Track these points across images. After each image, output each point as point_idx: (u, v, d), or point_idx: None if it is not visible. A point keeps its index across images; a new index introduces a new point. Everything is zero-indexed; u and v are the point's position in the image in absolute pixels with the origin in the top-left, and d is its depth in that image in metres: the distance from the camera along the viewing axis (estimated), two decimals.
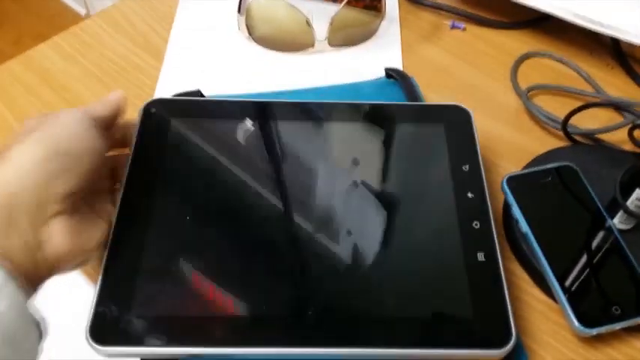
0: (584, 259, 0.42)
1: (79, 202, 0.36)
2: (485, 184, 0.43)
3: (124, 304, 0.36)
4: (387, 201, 0.43)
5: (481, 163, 0.44)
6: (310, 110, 0.47)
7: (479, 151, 0.45)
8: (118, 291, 0.37)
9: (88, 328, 0.35)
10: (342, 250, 0.40)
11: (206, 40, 0.61)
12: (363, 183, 0.43)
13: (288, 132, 0.46)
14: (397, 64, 0.59)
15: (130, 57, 0.60)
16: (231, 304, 0.37)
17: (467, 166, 0.44)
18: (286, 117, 0.47)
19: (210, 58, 0.60)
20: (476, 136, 0.46)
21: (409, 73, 0.56)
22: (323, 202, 0.42)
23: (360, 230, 0.41)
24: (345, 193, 0.43)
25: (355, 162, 0.45)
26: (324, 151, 0.45)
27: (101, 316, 0.36)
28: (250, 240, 0.40)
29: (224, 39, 0.62)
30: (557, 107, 0.54)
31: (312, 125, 0.47)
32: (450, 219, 0.41)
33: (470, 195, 0.42)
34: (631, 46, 0.57)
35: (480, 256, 0.39)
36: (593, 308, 0.40)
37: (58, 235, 0.34)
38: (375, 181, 0.44)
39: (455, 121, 0.47)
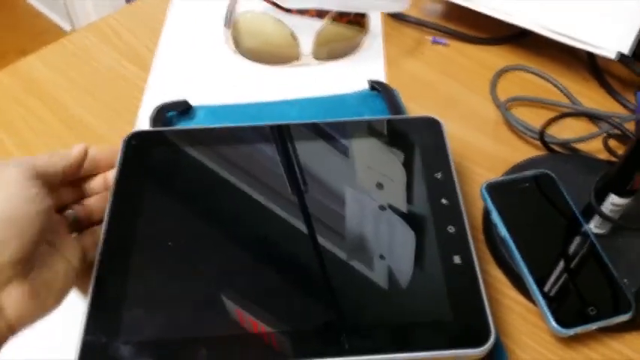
0: (561, 262, 0.44)
1: (33, 259, 0.34)
2: (458, 190, 0.44)
3: (111, 331, 0.37)
4: (361, 210, 0.43)
5: (454, 170, 0.45)
6: (281, 130, 0.48)
7: (451, 158, 0.46)
8: (105, 318, 0.37)
9: (77, 358, 0.35)
10: (319, 257, 0.41)
11: (193, 52, 0.63)
12: (335, 197, 0.44)
13: (266, 156, 0.47)
14: (380, 77, 0.61)
15: (117, 68, 0.61)
16: (218, 325, 0.38)
17: (440, 174, 0.45)
18: (266, 140, 0.47)
19: (197, 70, 0.61)
20: (447, 144, 0.47)
21: (392, 86, 0.57)
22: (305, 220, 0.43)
23: (334, 239, 0.42)
24: (324, 209, 0.44)
25: (331, 179, 0.45)
26: (304, 172, 0.46)
27: (90, 344, 0.36)
28: (227, 264, 0.41)
29: (211, 51, 0.63)
30: (534, 118, 0.56)
31: (285, 146, 0.47)
32: (425, 224, 0.42)
33: (444, 201, 0.43)
34: (605, 60, 0.59)
35: (457, 259, 0.40)
36: (570, 309, 0.41)
37: (14, 302, 0.33)
38: (346, 193, 0.44)
39: (427, 132, 0.48)
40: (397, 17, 0.68)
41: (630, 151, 0.42)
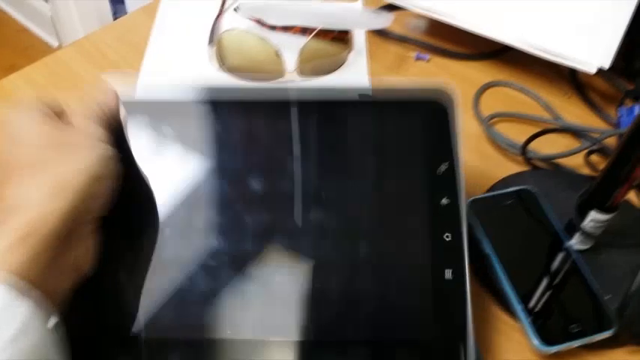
0: (543, 279, 0.44)
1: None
2: (462, 188, 0.39)
3: None
4: (352, 207, 0.40)
5: (460, 163, 0.40)
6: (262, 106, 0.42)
7: (459, 148, 0.40)
8: None
9: None
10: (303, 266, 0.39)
11: (177, 70, 0.63)
12: (325, 191, 0.40)
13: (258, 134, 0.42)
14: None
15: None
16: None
17: (443, 168, 0.40)
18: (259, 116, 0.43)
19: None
20: (456, 129, 0.40)
21: None
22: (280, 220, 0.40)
23: (318, 244, 0.39)
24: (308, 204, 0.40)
25: (322, 166, 0.41)
26: (287, 151, 0.41)
27: None
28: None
29: (195, 69, 0.63)
30: (517, 134, 0.56)
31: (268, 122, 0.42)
32: (420, 229, 0.39)
33: (445, 201, 0.39)
34: (587, 75, 0.59)
35: (448, 274, 0.38)
36: (553, 327, 0.41)
37: (84, 254, 0.35)
38: (338, 188, 0.40)
39: (433, 114, 0.41)
40: (381, 33, 0.68)
41: (609, 167, 0.42)
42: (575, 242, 0.46)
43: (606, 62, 0.58)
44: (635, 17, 0.59)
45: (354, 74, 0.64)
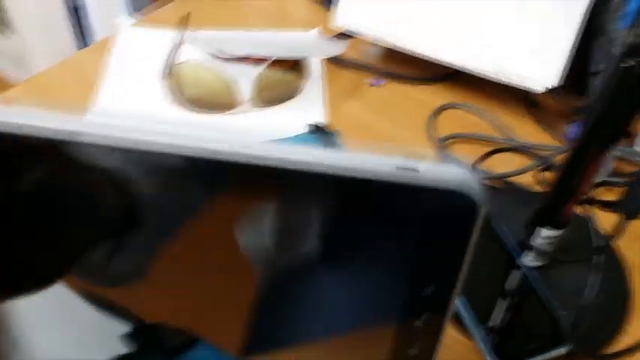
0: (499, 298, 0.44)
1: None
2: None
3: None
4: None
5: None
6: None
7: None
8: None
9: None
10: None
11: (132, 103, 0.62)
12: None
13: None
14: (321, 121, 0.62)
15: None
16: None
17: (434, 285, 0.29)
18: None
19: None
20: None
21: (333, 128, 0.58)
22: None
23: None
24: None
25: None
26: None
27: None
28: None
29: (149, 104, 0.63)
30: (472, 155, 0.57)
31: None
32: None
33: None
34: (540, 95, 0.61)
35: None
36: (511, 345, 0.41)
37: None
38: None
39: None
40: (336, 61, 0.69)
41: (557, 183, 0.43)
42: (529, 260, 0.46)
43: (554, 81, 0.59)
44: (582, 37, 0.61)
45: (310, 102, 0.64)
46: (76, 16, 1.46)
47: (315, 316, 0.29)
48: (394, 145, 0.59)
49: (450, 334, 0.44)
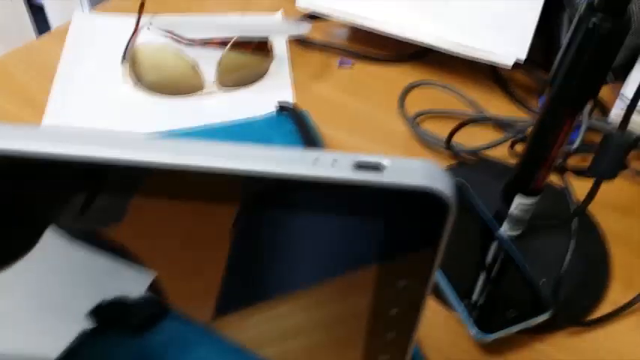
0: (478, 269, 0.43)
1: None
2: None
3: None
4: None
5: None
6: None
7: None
8: None
9: None
10: None
11: (90, 90, 0.60)
12: None
13: None
14: (290, 101, 0.60)
15: (11, 111, 0.58)
16: None
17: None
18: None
19: (96, 109, 0.58)
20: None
21: (302, 108, 0.56)
22: None
23: None
24: None
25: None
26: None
27: None
28: None
29: (109, 89, 0.60)
30: (443, 130, 0.56)
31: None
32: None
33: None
34: (509, 70, 0.60)
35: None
36: (490, 315, 0.40)
37: None
38: None
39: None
40: (303, 43, 0.67)
41: (528, 149, 0.42)
42: (506, 230, 0.45)
43: (522, 55, 0.59)
44: (546, 11, 0.61)
45: (278, 84, 0.62)
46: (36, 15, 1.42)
47: (288, 269, 0.27)
48: (365, 123, 0.58)
49: (431, 305, 0.43)
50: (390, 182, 0.22)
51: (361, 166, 0.22)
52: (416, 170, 0.22)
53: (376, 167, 0.22)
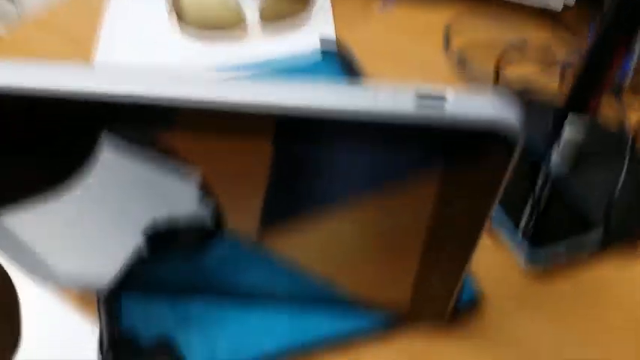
0: (527, 203, 0.42)
1: None
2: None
3: None
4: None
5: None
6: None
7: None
8: None
9: None
10: None
11: (137, 36, 0.61)
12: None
13: None
14: (333, 39, 0.60)
15: (61, 59, 0.59)
16: None
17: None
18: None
19: (143, 53, 0.59)
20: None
21: (346, 48, 0.56)
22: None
23: None
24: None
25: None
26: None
27: None
28: None
29: (156, 33, 0.61)
30: (490, 66, 0.54)
31: None
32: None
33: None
34: (558, 14, 0.58)
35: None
36: (540, 246, 0.40)
37: None
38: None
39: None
40: None
41: (582, 72, 0.41)
42: (554, 164, 0.44)
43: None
44: None
45: (319, 23, 0.62)
46: None
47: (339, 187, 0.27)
48: (409, 63, 0.57)
49: (482, 243, 0.43)
50: (457, 114, 0.22)
51: (424, 97, 0.22)
52: (483, 103, 0.22)
53: (441, 98, 0.22)
